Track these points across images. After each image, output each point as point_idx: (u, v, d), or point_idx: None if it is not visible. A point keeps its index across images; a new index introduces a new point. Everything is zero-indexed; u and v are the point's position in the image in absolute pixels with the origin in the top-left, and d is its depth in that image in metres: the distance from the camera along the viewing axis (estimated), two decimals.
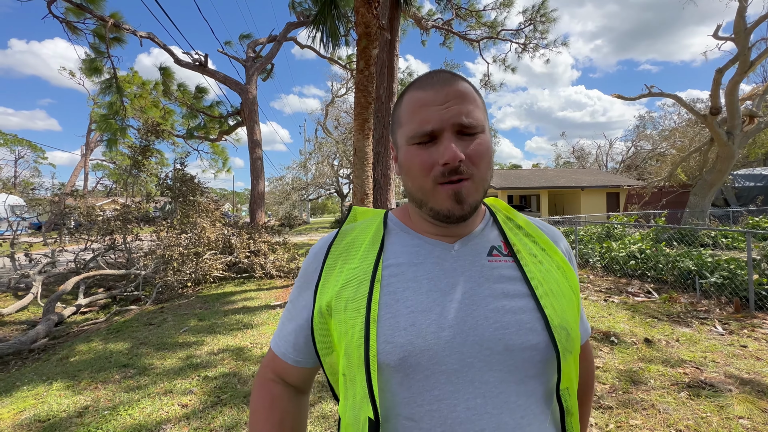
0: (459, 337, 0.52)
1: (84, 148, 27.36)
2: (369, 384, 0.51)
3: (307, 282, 0.64)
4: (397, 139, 0.61)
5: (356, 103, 4.20)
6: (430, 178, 0.55)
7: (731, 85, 8.60)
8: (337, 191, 30.07)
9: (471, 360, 0.51)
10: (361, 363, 0.52)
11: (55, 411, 2.60)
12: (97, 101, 13.18)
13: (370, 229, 0.65)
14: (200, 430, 2.33)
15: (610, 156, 37.40)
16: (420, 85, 0.58)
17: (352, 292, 0.57)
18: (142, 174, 9.86)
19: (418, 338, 0.52)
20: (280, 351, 0.66)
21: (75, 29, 8.99)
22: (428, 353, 0.51)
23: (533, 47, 10.88)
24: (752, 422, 2.22)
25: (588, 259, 7.31)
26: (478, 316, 0.54)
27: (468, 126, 0.55)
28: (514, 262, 0.59)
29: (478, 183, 0.56)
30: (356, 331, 0.53)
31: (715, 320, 4.00)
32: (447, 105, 0.55)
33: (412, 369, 0.51)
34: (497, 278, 0.57)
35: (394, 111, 0.63)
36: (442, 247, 0.60)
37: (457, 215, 0.56)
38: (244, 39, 11.90)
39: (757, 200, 14.03)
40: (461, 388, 0.51)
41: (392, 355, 0.51)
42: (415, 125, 0.56)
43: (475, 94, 0.59)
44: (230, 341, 3.88)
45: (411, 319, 0.53)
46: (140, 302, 5.97)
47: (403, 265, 0.58)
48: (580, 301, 0.63)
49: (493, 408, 0.50)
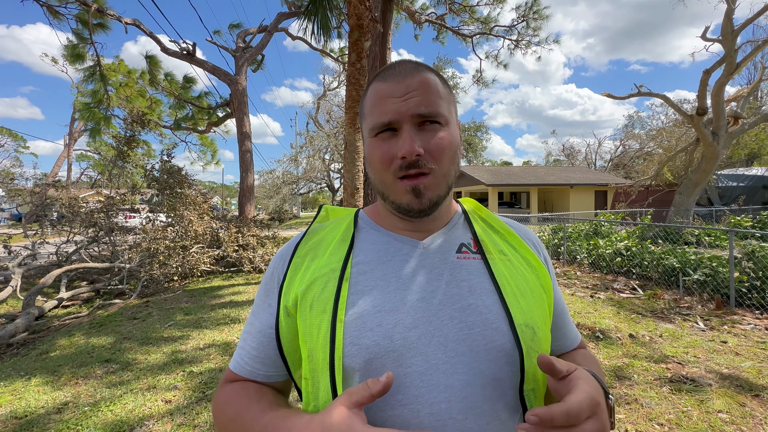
0: (424, 337, 0.50)
1: (67, 137, 26.59)
2: (333, 388, 0.49)
3: (271, 286, 0.60)
4: (363, 132, 0.60)
5: (348, 97, 4.14)
6: (390, 171, 0.54)
7: (717, 86, 8.76)
8: (328, 185, 29.93)
9: (435, 362, 0.49)
10: (325, 365, 0.50)
11: (33, 407, 2.53)
12: (80, 89, 12.77)
13: (340, 227, 0.62)
14: (184, 426, 2.29)
15: (599, 154, 37.97)
16: (382, 77, 0.57)
17: (318, 291, 0.54)
18: (127, 165, 9.62)
19: (384, 339, 0.50)
20: (246, 370, 0.58)
21: (57, 14, 8.67)
22: (393, 355, 0.49)
23: (525, 44, 10.89)
24: (731, 416, 2.27)
25: (575, 256, 7.41)
26: (443, 316, 0.52)
27: (428, 116, 0.53)
28: (482, 259, 0.58)
29: (439, 178, 0.54)
30: (321, 332, 0.51)
31: (697, 316, 4.09)
32: (407, 96, 0.53)
33: (376, 372, 0.48)
34: (465, 276, 0.55)
35: (361, 102, 0.61)
36: (411, 244, 0.58)
37: (416, 209, 0.55)
38: (234, 28, 11.65)
39: (740, 200, 14.41)
40: (425, 392, 0.48)
41: (357, 357, 0.49)
42: (375, 117, 0.55)
43: (440, 84, 0.56)
44: (217, 336, 3.83)
45: (378, 318, 0.51)
46: (125, 296, 5.85)
47: (372, 262, 0.56)
48: (554, 300, 0.61)
49: (458, 413, 0.48)
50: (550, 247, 8.32)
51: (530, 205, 22.56)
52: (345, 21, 6.58)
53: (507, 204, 24.02)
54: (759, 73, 10.69)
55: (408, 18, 9.46)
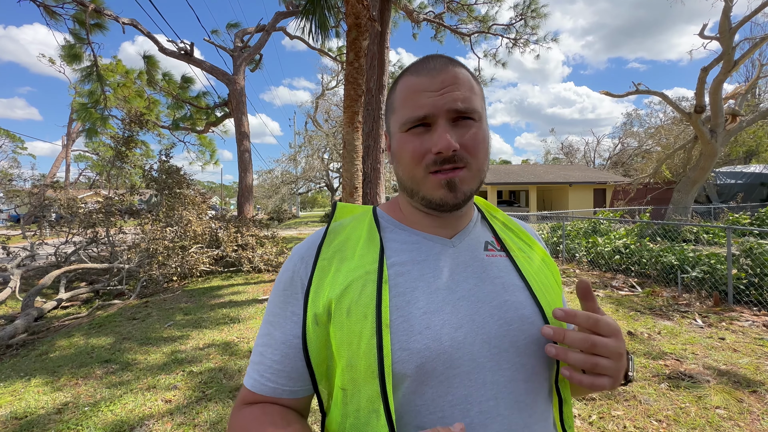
0: (470, 336, 0.50)
1: (65, 138, 26.52)
2: (384, 396, 0.46)
3: (292, 292, 0.55)
4: (391, 126, 0.58)
5: (346, 96, 4.14)
6: (421, 166, 0.53)
7: (715, 84, 8.77)
8: (327, 185, 29.88)
9: (482, 360, 0.50)
10: (370, 374, 0.47)
11: (33, 408, 2.53)
12: (78, 90, 12.74)
13: (362, 226, 0.59)
14: (184, 426, 2.29)
15: (598, 153, 38.01)
16: (415, 70, 0.55)
17: (355, 296, 0.51)
18: (125, 165, 9.61)
19: (434, 342, 0.48)
20: (269, 387, 0.53)
21: (53, 14, 8.63)
22: (443, 357, 0.48)
23: (524, 42, 10.88)
24: (728, 412, 2.29)
25: (574, 254, 7.43)
26: (483, 314, 0.52)
27: (464, 112, 0.52)
28: (507, 257, 0.59)
29: (475, 172, 0.54)
30: (364, 339, 0.48)
31: (696, 313, 4.10)
32: (442, 91, 0.52)
33: (428, 376, 0.48)
34: (497, 273, 0.56)
35: (389, 97, 0.60)
36: (441, 243, 0.57)
37: (450, 204, 0.53)
38: (232, 28, 11.61)
39: (738, 197, 14.44)
40: (474, 391, 0.49)
41: (409, 362, 0.47)
42: (407, 111, 0.53)
43: (473, 81, 0.56)
44: (216, 336, 3.83)
45: (425, 321, 0.50)
46: (124, 296, 5.84)
47: (408, 263, 0.54)
48: (562, 293, 0.64)
49: (505, 409, 0.49)
50: (549, 245, 8.33)
51: (529, 204, 22.58)
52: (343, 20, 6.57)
53: (506, 203, 24.05)
54: (757, 71, 10.70)
55: (406, 17, 9.45)
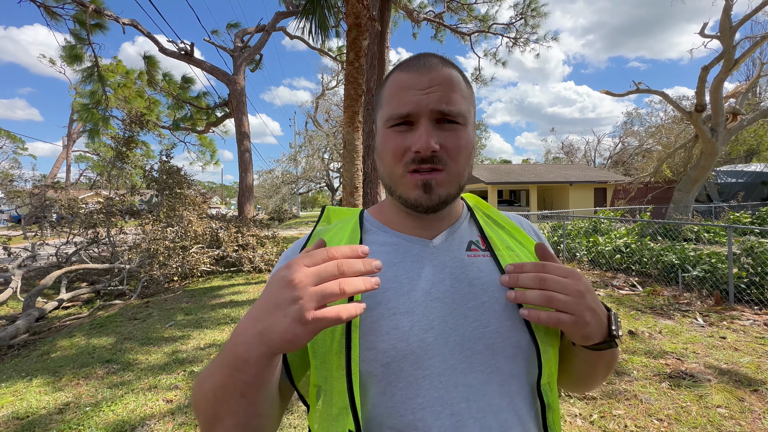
0: (441, 338, 0.50)
1: (66, 139, 26.57)
2: (351, 395, 0.47)
3: None
4: (377, 121, 0.58)
5: (346, 96, 4.14)
6: (401, 164, 0.53)
7: (716, 82, 8.76)
8: (327, 185, 29.91)
9: (453, 362, 0.49)
10: (340, 372, 0.48)
11: (35, 408, 2.53)
12: (78, 90, 12.74)
13: (346, 229, 0.61)
14: (185, 426, 2.30)
15: (598, 152, 37.94)
16: (405, 67, 0.55)
17: None
18: (126, 166, 9.62)
19: (401, 342, 0.49)
20: None
21: (54, 14, 8.64)
22: (411, 357, 0.49)
23: (524, 42, 10.88)
24: (729, 411, 2.29)
25: (575, 254, 7.42)
26: (458, 315, 0.51)
27: (448, 114, 0.52)
28: (492, 256, 0.57)
29: (453, 176, 0.53)
30: (336, 338, 0.49)
31: (696, 312, 4.10)
32: (428, 90, 0.51)
33: (395, 376, 0.48)
34: (476, 274, 0.55)
35: (378, 91, 0.60)
36: (420, 244, 0.57)
37: (425, 205, 0.53)
38: (232, 28, 11.62)
39: (738, 196, 14.43)
40: (445, 393, 0.48)
41: (375, 362, 0.48)
42: (392, 107, 0.53)
43: (463, 83, 0.55)
44: (217, 336, 3.84)
45: (393, 322, 0.50)
46: (125, 297, 5.85)
47: (383, 265, 0.54)
48: None
49: (477, 412, 0.48)
50: (550, 244, 8.30)
51: (530, 203, 22.56)
52: (343, 20, 6.57)
53: (506, 202, 24.02)
54: (757, 70, 10.69)
55: (406, 16, 9.44)
